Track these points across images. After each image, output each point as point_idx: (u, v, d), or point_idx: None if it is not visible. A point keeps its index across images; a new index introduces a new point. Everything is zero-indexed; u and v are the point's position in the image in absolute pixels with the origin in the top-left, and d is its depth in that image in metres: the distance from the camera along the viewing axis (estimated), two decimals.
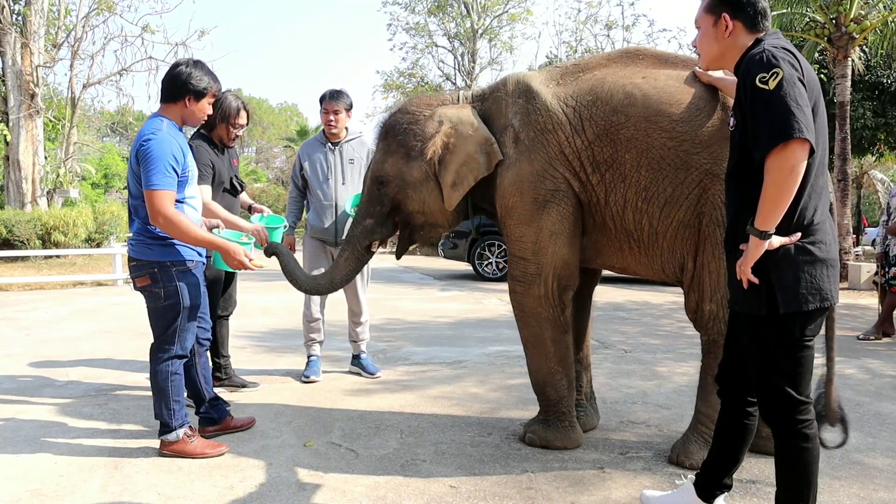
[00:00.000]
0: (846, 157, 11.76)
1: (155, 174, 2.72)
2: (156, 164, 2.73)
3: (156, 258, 2.85)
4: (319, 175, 4.25)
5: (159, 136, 2.78)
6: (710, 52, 2.13)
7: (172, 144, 2.80)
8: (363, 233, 3.22)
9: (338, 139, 4.31)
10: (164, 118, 2.89)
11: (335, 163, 4.26)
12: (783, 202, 1.84)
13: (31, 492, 2.57)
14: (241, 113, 3.75)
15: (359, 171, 4.28)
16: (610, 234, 2.85)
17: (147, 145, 2.76)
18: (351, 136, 4.35)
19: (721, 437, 2.24)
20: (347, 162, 4.28)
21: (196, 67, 2.92)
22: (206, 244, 2.89)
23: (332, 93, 4.25)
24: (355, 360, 4.51)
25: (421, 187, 3.09)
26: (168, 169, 2.75)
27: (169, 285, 2.86)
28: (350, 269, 3.27)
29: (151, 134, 2.79)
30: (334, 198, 4.22)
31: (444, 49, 24.19)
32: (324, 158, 4.27)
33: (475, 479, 2.68)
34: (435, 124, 3.03)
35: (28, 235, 12.55)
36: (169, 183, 2.76)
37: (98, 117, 20.16)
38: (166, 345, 2.91)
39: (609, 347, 5.48)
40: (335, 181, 4.24)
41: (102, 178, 31.14)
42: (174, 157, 2.79)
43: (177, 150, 2.82)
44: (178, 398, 2.93)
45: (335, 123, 4.23)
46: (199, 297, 2.97)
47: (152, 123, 2.86)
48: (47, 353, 5.15)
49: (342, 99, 4.23)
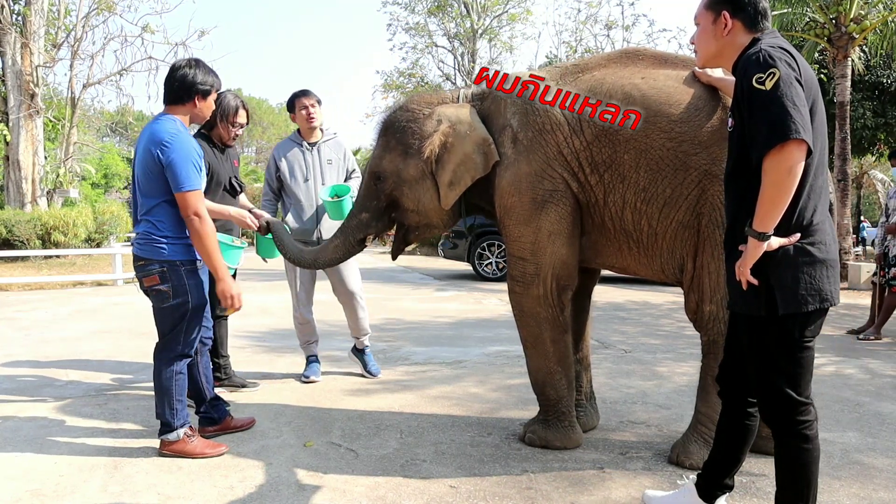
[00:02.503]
0: (846, 157, 11.76)
1: (185, 175, 2.78)
2: (183, 166, 2.79)
3: (165, 257, 2.86)
4: (298, 176, 4.18)
5: (181, 137, 2.83)
6: (707, 50, 2.13)
7: (193, 143, 2.89)
8: (358, 226, 3.25)
9: (314, 138, 4.26)
10: (176, 119, 2.91)
11: (314, 163, 4.20)
12: (781, 203, 1.84)
13: (31, 492, 2.57)
14: (241, 112, 3.75)
15: (337, 171, 4.25)
16: (609, 234, 2.85)
17: (170, 147, 2.79)
18: (327, 137, 4.30)
19: (722, 438, 2.24)
20: (326, 162, 4.22)
21: (199, 67, 2.94)
22: (212, 265, 2.87)
23: (301, 91, 4.22)
24: (358, 354, 4.43)
25: (417, 185, 3.10)
26: (194, 168, 2.82)
27: (178, 284, 2.87)
28: (337, 256, 3.32)
29: (172, 136, 2.82)
30: (315, 198, 4.17)
31: (444, 49, 24.22)
32: (302, 159, 4.21)
33: (475, 479, 2.68)
34: (433, 123, 3.04)
35: (28, 235, 12.55)
36: (198, 182, 2.85)
37: (98, 117, 20.16)
38: (172, 344, 2.93)
39: (609, 347, 5.48)
40: (315, 182, 4.18)
41: (102, 178, 31.14)
42: (198, 154, 2.87)
43: (197, 148, 2.90)
44: (180, 398, 2.94)
45: (315, 115, 4.19)
46: (204, 297, 2.99)
47: (168, 125, 2.86)
48: (47, 353, 5.15)
49: (312, 94, 4.21)
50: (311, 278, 4.29)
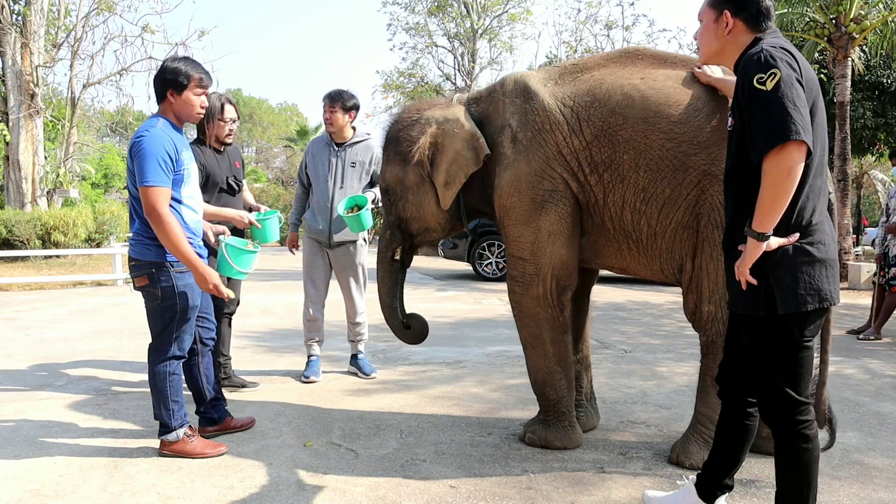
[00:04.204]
0: (846, 157, 11.76)
1: (147, 170, 2.73)
2: (148, 161, 2.73)
3: (154, 258, 2.84)
4: (320, 175, 4.24)
5: (151, 133, 2.79)
6: (709, 48, 2.13)
7: (165, 140, 2.80)
8: (385, 244, 3.31)
9: (341, 140, 4.27)
10: (160, 117, 2.91)
11: (336, 165, 4.22)
12: (781, 204, 1.84)
13: (31, 492, 2.57)
14: (227, 108, 3.76)
15: (359, 175, 4.24)
16: (608, 234, 2.85)
17: (139, 142, 2.78)
18: (357, 139, 4.29)
19: (721, 438, 2.24)
20: (349, 165, 4.23)
21: (176, 62, 2.90)
22: (183, 258, 2.78)
23: (332, 93, 4.23)
24: (353, 360, 4.51)
25: (418, 191, 3.13)
26: (160, 165, 2.75)
27: (166, 286, 2.85)
28: (387, 285, 3.34)
29: (144, 131, 2.81)
30: (330, 200, 4.19)
31: (443, 49, 24.18)
32: (326, 159, 4.24)
33: (475, 479, 2.68)
34: (422, 127, 3.08)
35: (28, 235, 12.55)
36: (162, 179, 2.75)
37: (98, 117, 20.12)
38: (163, 345, 2.91)
39: (609, 347, 5.48)
40: (333, 183, 4.20)
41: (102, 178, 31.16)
42: (167, 152, 2.78)
43: (169, 146, 2.80)
44: (176, 398, 2.93)
45: (331, 123, 4.21)
46: (196, 298, 2.95)
47: (147, 122, 2.88)
48: (47, 353, 5.15)
49: (339, 99, 4.20)
50: (325, 277, 4.34)
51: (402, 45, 33.06)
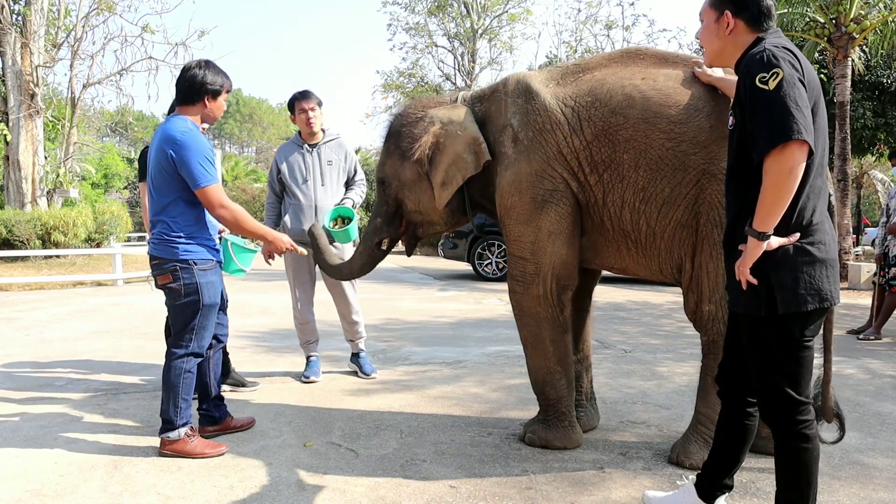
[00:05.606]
0: (846, 157, 11.77)
1: (199, 172, 2.86)
2: (198, 161, 2.86)
3: (178, 256, 2.91)
4: (298, 177, 4.21)
5: (194, 133, 2.90)
6: (711, 48, 2.13)
7: (204, 140, 2.94)
8: (374, 230, 3.37)
9: (315, 140, 4.27)
10: (188, 119, 2.97)
11: (313, 164, 4.22)
12: (781, 204, 1.84)
13: (31, 492, 2.57)
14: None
15: (337, 172, 4.27)
16: (608, 234, 2.85)
17: (183, 144, 2.84)
18: (328, 138, 4.31)
19: (721, 438, 2.24)
20: (326, 163, 4.25)
21: (208, 68, 3.00)
22: (260, 235, 3.15)
23: (301, 93, 4.23)
24: (353, 358, 4.51)
25: (415, 187, 3.15)
26: (208, 163, 2.89)
27: (189, 283, 2.92)
28: (363, 262, 3.44)
29: (184, 133, 2.87)
30: (314, 199, 4.18)
31: (444, 49, 24.19)
32: (302, 160, 4.24)
33: (475, 479, 2.68)
34: (425, 125, 3.08)
35: (28, 235, 12.54)
36: (215, 176, 2.91)
37: (98, 117, 20.12)
38: (183, 342, 2.96)
39: (609, 347, 5.48)
40: (314, 183, 4.21)
41: (102, 178, 31.16)
42: (211, 150, 2.93)
43: (207, 145, 2.94)
44: (186, 397, 2.95)
45: (314, 119, 4.20)
46: (217, 296, 3.02)
47: (179, 124, 2.92)
48: (47, 353, 5.15)
49: (312, 97, 4.21)
50: (311, 279, 4.31)
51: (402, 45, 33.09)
